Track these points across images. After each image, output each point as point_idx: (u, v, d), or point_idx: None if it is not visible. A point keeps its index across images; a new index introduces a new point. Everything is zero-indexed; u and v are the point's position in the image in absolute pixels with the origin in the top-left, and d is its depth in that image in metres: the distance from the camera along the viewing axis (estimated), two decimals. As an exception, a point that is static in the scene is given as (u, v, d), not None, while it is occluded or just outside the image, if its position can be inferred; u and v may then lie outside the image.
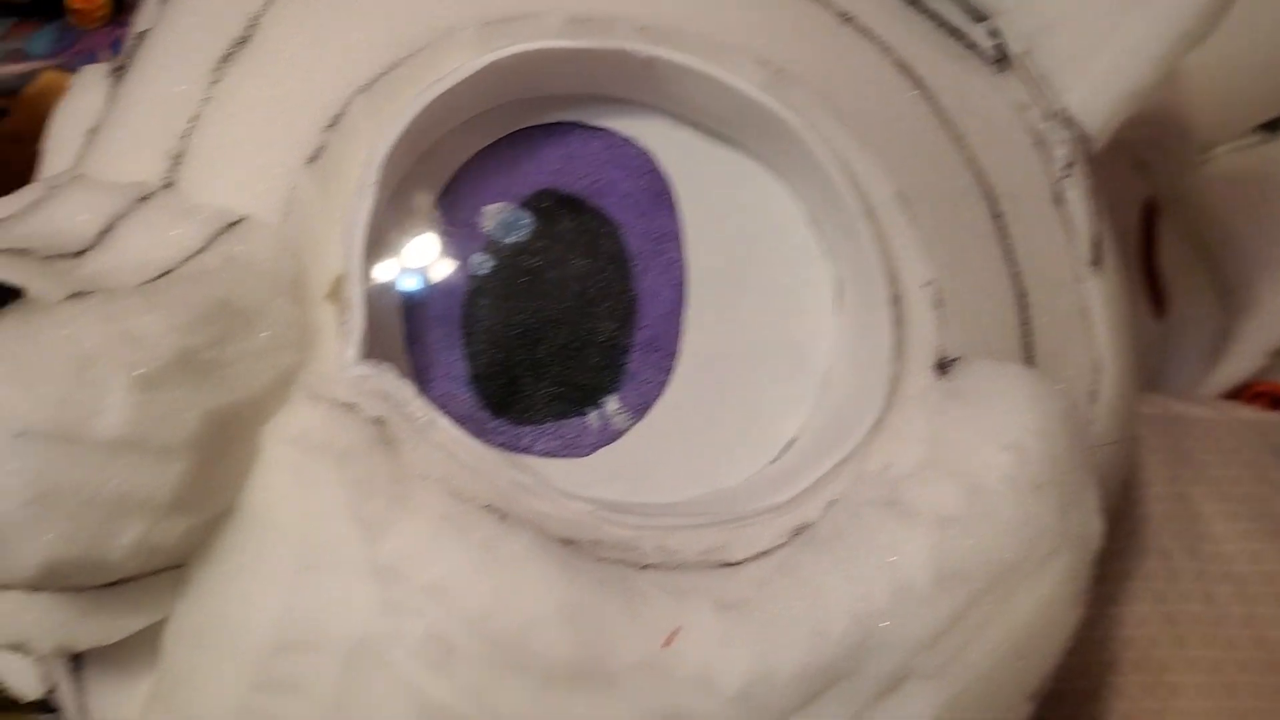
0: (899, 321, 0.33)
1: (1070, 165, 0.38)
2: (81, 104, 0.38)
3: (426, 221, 0.35)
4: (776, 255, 0.36)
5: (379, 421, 0.30)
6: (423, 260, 0.35)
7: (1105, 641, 0.46)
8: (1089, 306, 0.38)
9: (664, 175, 0.36)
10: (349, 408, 0.30)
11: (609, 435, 0.35)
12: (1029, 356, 0.35)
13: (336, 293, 0.31)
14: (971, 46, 0.38)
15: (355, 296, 0.30)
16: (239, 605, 0.29)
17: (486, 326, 0.34)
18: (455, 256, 0.35)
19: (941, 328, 0.33)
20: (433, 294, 0.34)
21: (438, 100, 0.31)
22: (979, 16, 0.40)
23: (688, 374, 0.35)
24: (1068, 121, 0.40)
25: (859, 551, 0.31)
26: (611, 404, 0.35)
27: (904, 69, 0.35)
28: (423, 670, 0.28)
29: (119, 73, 0.35)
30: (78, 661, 0.34)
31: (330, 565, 0.28)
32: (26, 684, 0.36)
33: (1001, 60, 0.39)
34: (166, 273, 0.29)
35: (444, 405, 0.34)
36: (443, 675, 0.28)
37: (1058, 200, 0.38)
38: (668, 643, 0.30)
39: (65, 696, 0.35)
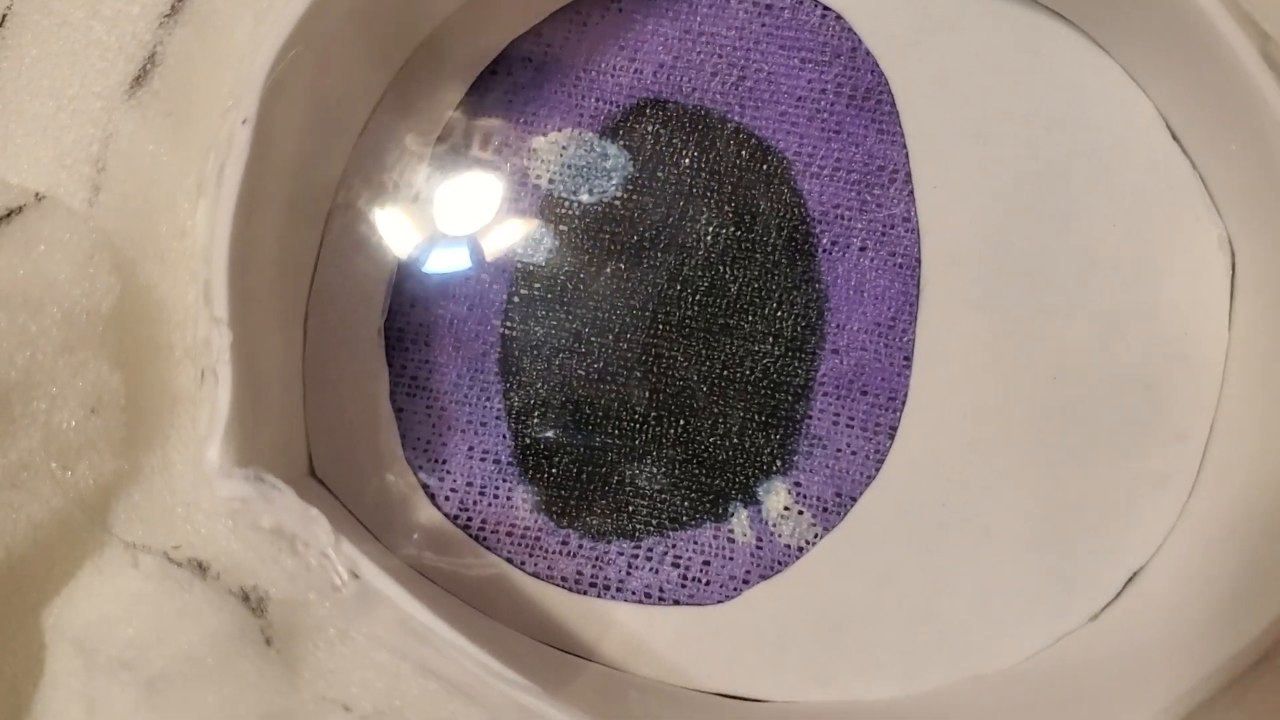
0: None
1: None
2: None
3: (428, 178, 0.19)
4: (1106, 199, 0.20)
5: (252, 600, 0.15)
6: (424, 248, 0.20)
7: None
8: None
9: (873, 59, 0.19)
10: (199, 570, 0.15)
11: (770, 560, 0.19)
12: None
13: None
14: None
15: (222, 345, 0.16)
16: None
17: (544, 358, 0.20)
18: (489, 235, 0.20)
19: None
20: (446, 305, 0.19)
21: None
22: None
23: (925, 437, 0.20)
24: None
25: None
26: (776, 497, 0.19)
27: None
28: None
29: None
30: None
31: None
32: None
33: None
34: None
35: (465, 505, 0.19)
36: None
37: None
38: None
39: None
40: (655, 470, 0.21)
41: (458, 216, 0.21)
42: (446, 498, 0.20)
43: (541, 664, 0.19)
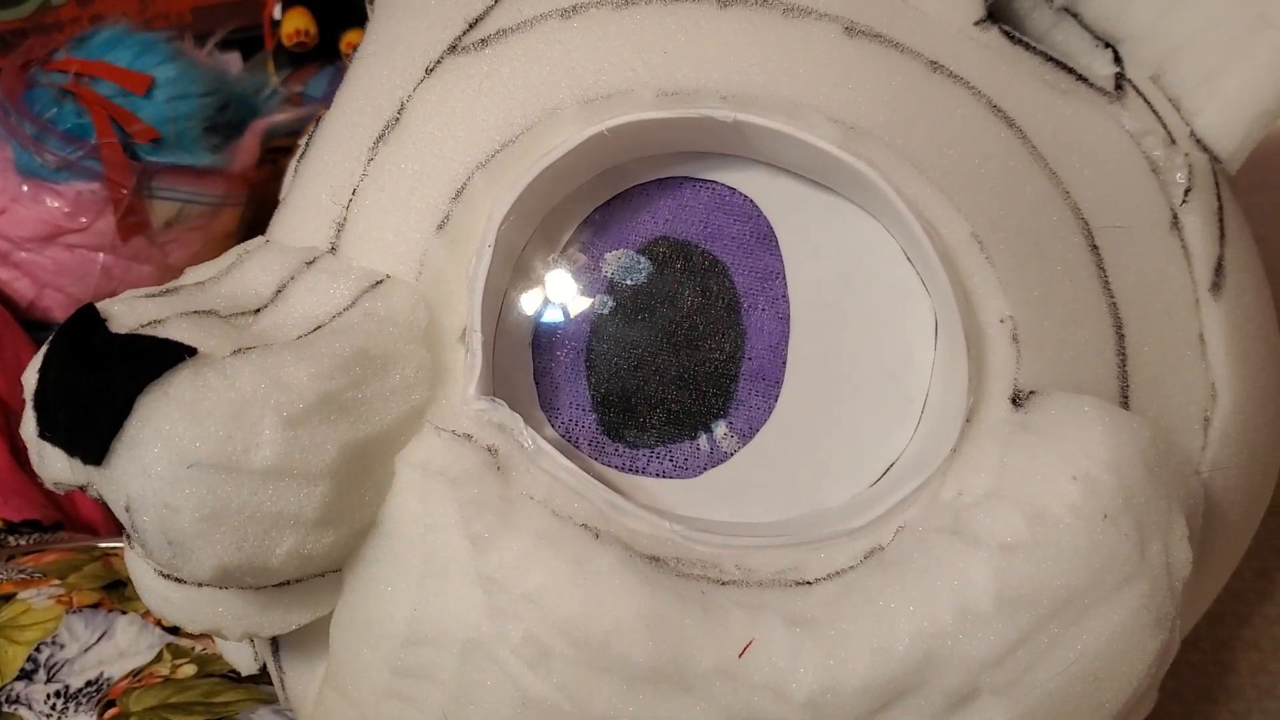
0: (975, 356, 0.35)
1: (1189, 190, 0.39)
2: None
3: (554, 271, 0.39)
4: (877, 289, 0.38)
5: (492, 450, 0.35)
6: (551, 304, 0.39)
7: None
8: (1207, 332, 0.38)
9: (767, 219, 0.39)
10: (467, 438, 0.35)
11: (717, 458, 0.38)
12: (1124, 386, 0.36)
13: (464, 338, 0.36)
14: (1082, 78, 0.39)
15: (475, 342, 0.35)
16: (379, 604, 0.35)
17: (608, 359, 0.39)
18: (581, 299, 0.39)
19: (1019, 362, 0.35)
20: (560, 332, 0.39)
21: (547, 171, 0.36)
22: (1106, 43, 0.40)
23: (792, 401, 0.38)
24: (1198, 145, 0.40)
25: (924, 575, 0.33)
26: (720, 429, 0.38)
27: (996, 110, 0.37)
28: (523, 668, 0.33)
29: (305, 150, 0.42)
30: (276, 645, 0.41)
31: (445, 574, 0.33)
32: (245, 661, 0.44)
33: (1119, 88, 0.39)
34: (319, 327, 0.35)
35: (570, 430, 0.38)
36: (540, 673, 0.33)
37: (1175, 226, 0.39)
38: (742, 653, 0.33)
39: (271, 672, 0.42)
40: (662, 415, 0.39)
41: (569, 286, 0.40)
42: (558, 426, 0.40)
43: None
